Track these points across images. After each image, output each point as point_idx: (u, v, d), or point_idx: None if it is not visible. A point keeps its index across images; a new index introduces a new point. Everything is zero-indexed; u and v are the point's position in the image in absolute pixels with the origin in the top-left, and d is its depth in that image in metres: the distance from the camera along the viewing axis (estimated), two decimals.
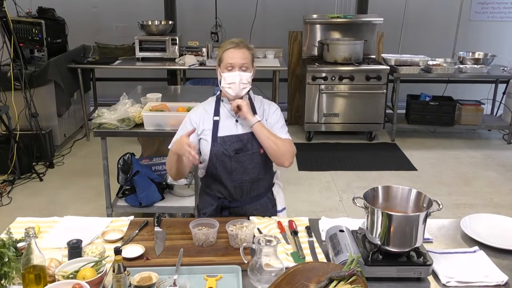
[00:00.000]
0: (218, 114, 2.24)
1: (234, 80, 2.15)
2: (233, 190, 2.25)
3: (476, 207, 4.20)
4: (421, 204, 1.78)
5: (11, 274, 1.62)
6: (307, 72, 5.56)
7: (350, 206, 4.06)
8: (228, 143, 2.19)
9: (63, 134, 5.42)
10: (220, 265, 1.79)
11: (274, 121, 2.27)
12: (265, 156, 2.23)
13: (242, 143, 2.19)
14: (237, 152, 2.19)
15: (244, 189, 2.25)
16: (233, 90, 2.16)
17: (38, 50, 5.33)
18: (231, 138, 2.20)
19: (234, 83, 2.15)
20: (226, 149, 2.18)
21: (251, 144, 2.20)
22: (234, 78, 2.15)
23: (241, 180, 2.22)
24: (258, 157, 2.22)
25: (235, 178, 2.22)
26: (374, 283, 1.68)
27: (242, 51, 2.16)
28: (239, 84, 2.15)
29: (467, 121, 5.79)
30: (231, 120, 2.23)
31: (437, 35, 6.64)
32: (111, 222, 2.13)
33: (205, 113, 2.27)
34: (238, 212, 2.28)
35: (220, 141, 2.19)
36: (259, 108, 2.28)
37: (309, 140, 5.81)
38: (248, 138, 2.20)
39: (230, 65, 2.15)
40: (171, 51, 5.62)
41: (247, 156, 2.20)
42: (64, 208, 4.07)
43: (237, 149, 2.19)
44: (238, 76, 2.15)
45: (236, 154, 2.19)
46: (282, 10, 6.56)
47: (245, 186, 2.24)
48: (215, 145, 2.19)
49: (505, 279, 1.72)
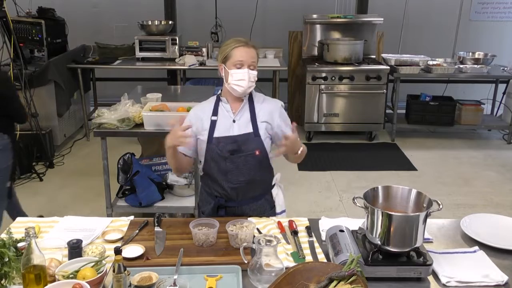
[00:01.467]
0: (216, 114, 2.23)
1: (244, 78, 2.14)
2: (229, 191, 2.24)
3: (476, 207, 4.20)
4: (421, 204, 1.78)
5: (11, 274, 1.62)
6: (307, 72, 5.56)
7: (350, 206, 4.06)
8: (223, 144, 2.17)
9: (63, 134, 5.42)
10: (220, 265, 1.79)
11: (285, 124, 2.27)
12: (261, 158, 2.21)
13: (236, 145, 2.17)
14: (232, 153, 2.17)
15: (239, 190, 2.24)
16: (242, 87, 2.15)
17: (38, 50, 5.33)
18: (226, 139, 2.18)
19: (244, 80, 2.14)
20: (220, 150, 2.17)
21: (246, 145, 2.18)
22: (243, 75, 2.14)
23: (237, 181, 2.21)
24: (253, 158, 2.19)
25: (231, 179, 2.21)
26: (374, 283, 1.68)
27: (251, 49, 2.17)
28: (248, 81, 2.15)
29: (467, 121, 5.79)
30: (228, 121, 2.22)
31: (437, 35, 6.64)
32: (111, 222, 2.13)
33: (204, 112, 2.26)
34: (234, 212, 2.27)
35: (215, 142, 2.18)
36: (260, 105, 2.26)
37: (309, 140, 5.81)
38: (243, 139, 2.18)
39: (240, 62, 2.14)
40: (171, 51, 5.62)
41: (242, 158, 2.18)
42: (64, 208, 4.07)
43: (231, 150, 2.17)
44: (247, 73, 2.14)
45: (231, 156, 2.17)
46: (282, 10, 6.56)
47: (240, 187, 2.23)
48: (210, 146, 2.19)
49: (505, 279, 1.72)
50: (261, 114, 2.23)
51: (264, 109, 2.25)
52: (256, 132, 2.20)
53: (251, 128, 2.20)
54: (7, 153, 3.06)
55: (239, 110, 2.23)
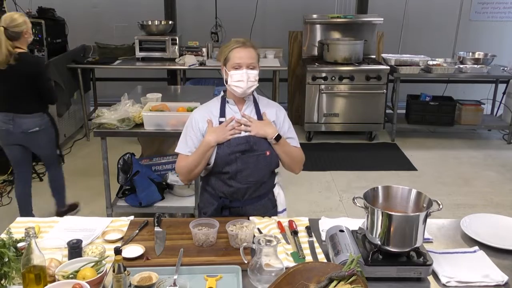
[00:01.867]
0: (224, 115, 2.25)
1: (242, 78, 2.16)
2: (236, 191, 2.24)
3: (476, 207, 4.20)
4: (421, 204, 1.78)
5: (11, 274, 1.62)
6: (307, 72, 5.56)
7: (350, 206, 4.06)
8: (234, 144, 2.19)
9: (63, 134, 5.42)
10: (220, 265, 1.79)
11: (286, 129, 2.30)
12: (271, 158, 2.23)
13: (248, 145, 2.19)
14: (243, 153, 2.19)
15: (248, 190, 2.25)
16: (241, 88, 2.17)
17: (38, 50, 5.32)
18: (238, 140, 2.19)
19: (242, 81, 2.16)
20: (232, 150, 2.18)
21: (257, 145, 2.20)
22: (241, 76, 2.15)
23: (246, 181, 2.22)
24: (265, 159, 2.21)
25: (240, 179, 2.21)
26: (374, 283, 1.68)
27: (249, 50, 2.18)
28: (247, 82, 2.16)
29: (467, 121, 5.79)
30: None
31: (437, 35, 6.64)
32: (111, 222, 2.13)
33: (210, 114, 2.27)
34: (238, 212, 2.27)
35: (226, 142, 2.19)
36: (264, 107, 2.28)
37: (309, 140, 5.81)
38: (255, 139, 2.20)
39: (238, 64, 2.16)
40: (171, 51, 5.62)
41: (254, 158, 2.19)
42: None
43: (243, 151, 2.19)
44: (246, 74, 2.15)
45: (242, 155, 2.19)
46: (282, 10, 6.56)
47: (249, 187, 2.24)
48: (221, 146, 2.19)
49: (505, 279, 1.72)
50: (268, 115, 2.26)
51: (270, 111, 2.29)
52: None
53: None
54: (50, 129, 3.60)
55: (244, 110, 2.26)
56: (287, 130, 2.31)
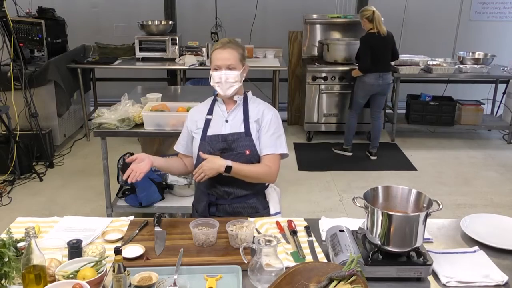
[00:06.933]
0: (211, 113, 2.31)
1: (220, 80, 2.21)
2: (220, 188, 2.27)
3: (476, 207, 4.20)
4: (421, 204, 1.78)
5: (11, 274, 1.62)
6: (307, 72, 5.56)
7: (350, 206, 4.06)
8: (214, 142, 2.23)
9: (63, 134, 5.42)
10: (220, 265, 1.79)
11: (264, 130, 2.25)
12: (252, 157, 2.23)
13: (226, 143, 2.22)
14: (223, 151, 2.21)
15: (231, 188, 2.26)
16: (221, 88, 2.23)
17: (38, 50, 5.33)
18: (217, 138, 2.23)
19: (220, 82, 2.21)
20: (212, 147, 2.22)
21: (236, 144, 2.22)
22: (219, 77, 2.21)
23: (227, 180, 2.23)
24: (244, 158, 2.21)
25: (222, 177, 2.21)
26: (374, 283, 1.68)
27: (228, 51, 2.20)
28: (225, 82, 2.20)
29: (467, 121, 5.79)
30: (222, 120, 2.27)
31: (437, 35, 6.63)
32: (111, 222, 2.13)
33: (200, 111, 2.35)
34: (226, 210, 2.30)
35: (207, 140, 2.24)
36: (254, 109, 2.28)
37: (309, 140, 5.81)
38: (234, 138, 2.22)
39: (217, 65, 2.21)
40: (171, 51, 5.62)
41: (232, 157, 2.19)
42: (64, 208, 4.07)
43: (222, 149, 2.21)
44: (224, 75, 2.20)
45: (222, 154, 2.21)
46: (282, 10, 6.56)
47: (232, 185, 2.25)
48: (202, 144, 2.24)
49: (505, 279, 1.72)
50: (253, 114, 2.27)
51: (257, 110, 2.29)
52: (247, 132, 2.23)
53: (243, 128, 2.24)
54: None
55: (232, 110, 2.28)
56: (272, 134, 2.25)
